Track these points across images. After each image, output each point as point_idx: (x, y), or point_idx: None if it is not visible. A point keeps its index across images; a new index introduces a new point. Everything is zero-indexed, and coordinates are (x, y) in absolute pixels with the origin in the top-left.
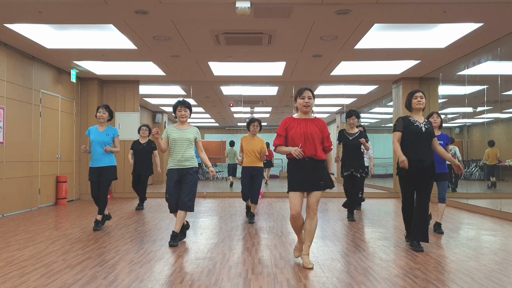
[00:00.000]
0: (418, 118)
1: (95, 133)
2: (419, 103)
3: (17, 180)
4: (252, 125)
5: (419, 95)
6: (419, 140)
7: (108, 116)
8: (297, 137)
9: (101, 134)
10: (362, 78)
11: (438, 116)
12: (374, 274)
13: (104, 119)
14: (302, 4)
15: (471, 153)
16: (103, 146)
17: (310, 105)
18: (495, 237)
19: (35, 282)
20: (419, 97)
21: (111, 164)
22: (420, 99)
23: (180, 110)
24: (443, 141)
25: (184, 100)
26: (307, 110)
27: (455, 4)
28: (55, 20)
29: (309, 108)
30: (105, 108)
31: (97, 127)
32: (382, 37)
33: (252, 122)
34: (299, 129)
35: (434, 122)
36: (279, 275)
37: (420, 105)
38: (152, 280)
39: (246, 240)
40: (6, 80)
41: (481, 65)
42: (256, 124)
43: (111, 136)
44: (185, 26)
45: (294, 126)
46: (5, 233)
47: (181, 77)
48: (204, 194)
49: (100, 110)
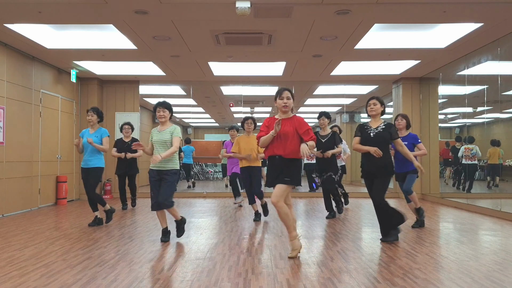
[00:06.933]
0: (374, 123)
1: (86, 135)
2: (371, 110)
3: (17, 180)
4: (246, 123)
5: (372, 102)
6: (369, 145)
7: (97, 118)
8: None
9: (91, 136)
10: (362, 78)
11: (403, 118)
12: (374, 274)
13: (93, 122)
14: (302, 4)
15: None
16: (92, 147)
17: (288, 105)
18: (495, 237)
19: (35, 282)
20: (372, 104)
21: (97, 166)
22: (373, 106)
23: (159, 111)
24: (408, 141)
25: (163, 101)
26: (286, 110)
27: (455, 4)
28: (55, 20)
29: (287, 108)
30: (94, 111)
31: (89, 129)
32: (382, 37)
33: (246, 120)
34: None
35: (399, 124)
36: (279, 275)
37: (373, 111)
38: (152, 280)
39: (246, 240)
40: (6, 80)
41: (481, 65)
42: (250, 122)
43: (99, 137)
44: (185, 26)
45: (272, 125)
46: (5, 233)
47: (181, 77)
48: (204, 194)
49: (88, 113)
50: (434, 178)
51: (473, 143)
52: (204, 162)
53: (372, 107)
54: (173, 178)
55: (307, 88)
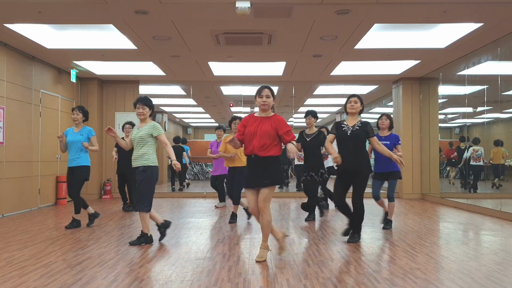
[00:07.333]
0: (351, 122)
1: (71, 134)
2: (352, 108)
3: (17, 180)
4: (233, 123)
5: (353, 99)
6: (345, 143)
7: (82, 117)
8: (248, 134)
9: (76, 134)
10: (362, 78)
11: (387, 118)
12: (374, 274)
13: (78, 120)
14: (302, 4)
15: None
16: (78, 146)
17: (268, 104)
18: (495, 237)
19: (35, 282)
20: (352, 102)
21: (83, 164)
22: (353, 103)
23: (138, 108)
24: (390, 141)
25: (143, 97)
26: (265, 108)
27: (455, 4)
28: (55, 20)
29: (266, 106)
30: (79, 109)
31: (73, 128)
32: (382, 37)
33: (233, 119)
34: (253, 127)
35: (382, 124)
36: (279, 275)
37: (353, 109)
38: (152, 280)
39: (246, 240)
40: (6, 80)
41: (481, 65)
42: (237, 121)
43: (85, 136)
44: (185, 26)
45: (250, 123)
46: (5, 233)
47: (181, 77)
48: (204, 194)
49: (74, 112)
50: (434, 178)
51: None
52: (204, 162)
53: (352, 104)
54: (141, 176)
55: (307, 88)
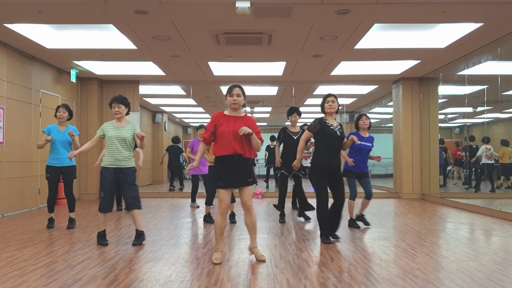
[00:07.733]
0: (333, 121)
1: (57, 133)
2: (330, 107)
3: (17, 180)
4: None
5: (331, 99)
6: (333, 143)
7: (68, 115)
8: (226, 135)
9: (64, 134)
10: (362, 78)
11: (367, 118)
12: (374, 274)
13: (64, 119)
14: (302, 4)
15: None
16: (66, 145)
17: (238, 103)
18: (495, 237)
19: (35, 282)
20: (330, 101)
21: (74, 164)
22: (331, 103)
23: (114, 107)
24: (371, 143)
25: (118, 96)
26: (236, 107)
27: (455, 4)
28: (55, 20)
29: (237, 105)
30: (65, 108)
31: (57, 126)
32: (382, 37)
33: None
34: (229, 127)
35: (364, 124)
36: (279, 275)
37: (332, 109)
38: (152, 280)
39: (246, 240)
40: (6, 80)
41: (481, 65)
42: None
43: None
44: (185, 26)
45: (224, 123)
46: (5, 233)
47: (181, 77)
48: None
49: (60, 109)
50: (434, 178)
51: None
52: None
53: (330, 104)
54: (133, 177)
55: (307, 88)
